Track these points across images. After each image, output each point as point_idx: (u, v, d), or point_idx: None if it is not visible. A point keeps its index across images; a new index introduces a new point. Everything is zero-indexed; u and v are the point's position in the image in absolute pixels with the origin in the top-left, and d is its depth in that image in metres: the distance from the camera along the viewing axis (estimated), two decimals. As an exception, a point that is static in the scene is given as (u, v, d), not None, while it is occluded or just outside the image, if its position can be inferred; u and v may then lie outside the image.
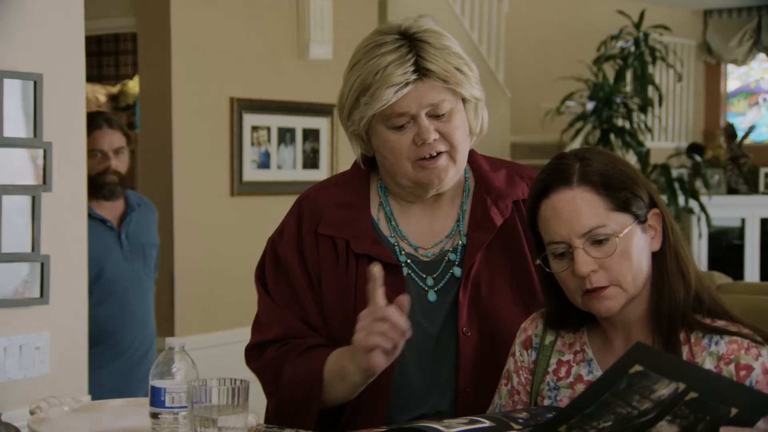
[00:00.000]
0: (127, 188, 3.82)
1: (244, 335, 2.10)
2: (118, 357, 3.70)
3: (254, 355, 2.03)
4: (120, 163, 3.75)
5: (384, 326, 1.78)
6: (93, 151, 3.66)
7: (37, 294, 2.67)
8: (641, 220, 1.71)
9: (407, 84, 1.89)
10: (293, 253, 2.01)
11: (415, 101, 1.90)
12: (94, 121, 3.72)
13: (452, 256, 1.98)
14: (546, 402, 1.78)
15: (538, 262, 1.76)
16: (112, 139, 3.75)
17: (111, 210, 3.76)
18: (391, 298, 1.87)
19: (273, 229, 2.10)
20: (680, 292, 1.71)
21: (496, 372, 1.90)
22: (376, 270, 1.80)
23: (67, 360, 2.76)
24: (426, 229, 2.01)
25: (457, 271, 1.96)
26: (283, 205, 4.47)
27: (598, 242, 1.68)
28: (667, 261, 1.72)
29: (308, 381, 1.89)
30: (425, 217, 2.02)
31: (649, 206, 1.73)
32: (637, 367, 1.45)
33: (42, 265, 2.67)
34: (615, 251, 1.67)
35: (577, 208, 1.69)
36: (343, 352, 1.88)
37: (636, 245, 1.69)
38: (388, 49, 1.91)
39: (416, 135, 1.91)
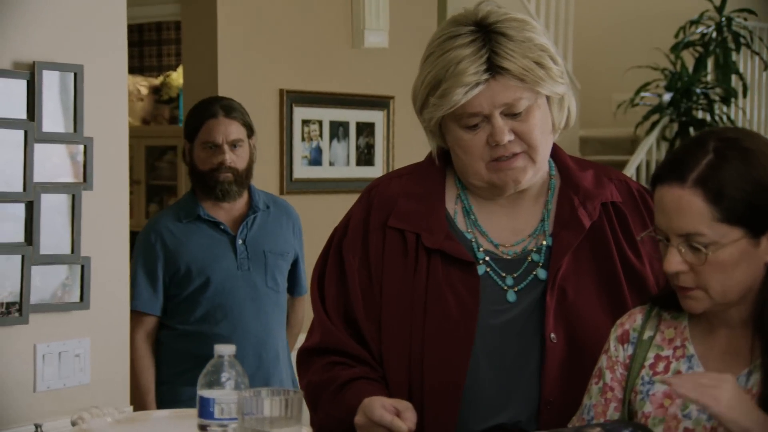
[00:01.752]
0: (244, 187, 3.52)
1: (296, 344, 2.12)
2: None
3: (302, 362, 2.07)
4: (237, 158, 3.47)
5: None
6: (205, 144, 3.46)
7: (77, 298, 2.71)
8: (757, 234, 1.70)
9: (478, 84, 1.89)
10: (356, 247, 2.02)
11: (488, 101, 1.90)
12: (209, 108, 3.50)
13: (536, 257, 1.98)
14: (638, 397, 1.79)
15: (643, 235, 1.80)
16: (229, 130, 3.47)
17: (228, 212, 3.51)
18: (464, 297, 1.89)
19: (324, 230, 2.11)
20: None
21: (582, 384, 1.88)
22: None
23: (108, 368, 2.80)
24: (507, 226, 2.01)
25: (542, 272, 1.96)
26: (336, 204, 4.48)
27: (694, 248, 1.69)
28: None
29: (343, 420, 1.92)
30: (506, 213, 2.02)
31: None
32: None
33: (82, 267, 2.71)
34: (707, 261, 1.67)
35: (681, 210, 1.69)
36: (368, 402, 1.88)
37: (737, 258, 1.69)
38: (462, 43, 1.91)
39: (490, 135, 1.91)
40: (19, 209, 2.61)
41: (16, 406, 2.61)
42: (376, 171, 5.02)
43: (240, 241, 3.47)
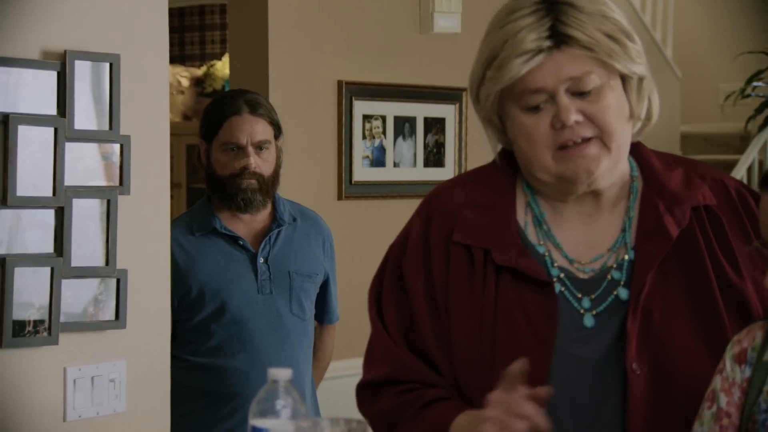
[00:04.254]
0: (269, 197, 3.43)
1: (353, 368, 2.12)
2: (245, 423, 3.36)
3: (367, 397, 2.05)
4: (263, 163, 3.38)
5: (522, 426, 1.74)
6: (226, 145, 3.39)
7: (111, 316, 2.74)
8: None
9: (539, 52, 1.87)
10: (418, 267, 2.01)
11: (551, 74, 1.88)
12: (231, 103, 3.41)
13: (616, 275, 1.95)
14: (756, 426, 1.77)
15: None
16: (254, 129, 3.38)
17: (249, 225, 3.45)
18: (537, 323, 1.87)
19: (387, 241, 2.11)
20: None
21: (675, 421, 1.86)
22: (519, 367, 1.77)
23: (147, 395, 2.82)
24: (583, 239, 1.99)
25: (623, 292, 1.93)
26: (400, 210, 4.49)
27: None
28: None
29: None
30: (582, 223, 2.00)
31: None
32: None
33: (118, 281, 2.74)
34: None
35: None
36: (469, 419, 1.86)
37: None
38: (523, 14, 1.90)
39: (555, 117, 1.89)
40: (48, 216, 2.64)
41: (45, 437, 2.65)
42: (446, 173, 5.02)
43: (261, 260, 3.41)
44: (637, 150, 2.03)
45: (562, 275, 1.95)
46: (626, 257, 1.96)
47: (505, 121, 1.97)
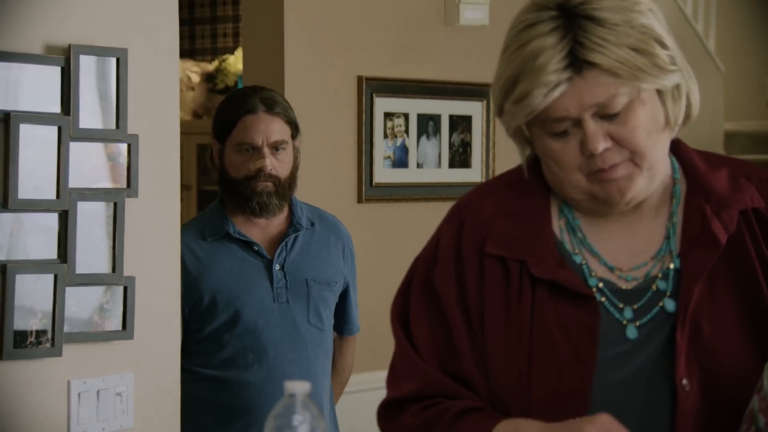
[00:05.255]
0: (286, 200, 3.44)
1: (375, 381, 2.12)
2: None
3: (389, 415, 2.04)
4: (279, 164, 3.39)
5: None
6: (241, 145, 3.40)
7: (118, 326, 2.75)
8: None
9: (558, 85, 1.85)
10: (450, 280, 1.99)
11: (574, 103, 1.86)
12: (246, 101, 3.42)
13: (662, 284, 1.94)
14: None
15: None
16: (270, 129, 3.39)
17: (264, 229, 3.46)
18: (577, 339, 1.87)
19: (411, 246, 2.11)
20: None
21: None
22: None
23: (155, 409, 2.84)
24: (623, 247, 1.98)
25: (670, 304, 1.92)
26: (424, 214, 4.48)
27: None
28: None
29: None
30: (621, 230, 1.99)
31: None
32: None
33: (125, 289, 2.75)
34: None
35: None
36: (514, 427, 1.86)
37: None
38: (542, 31, 1.87)
39: (582, 144, 1.88)
40: (51, 220, 2.65)
41: (47, 454, 2.66)
42: (473, 174, 5.02)
43: (277, 267, 3.42)
44: (677, 148, 2.02)
45: (601, 285, 1.95)
46: (671, 266, 1.96)
47: (532, 138, 1.97)
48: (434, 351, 1.99)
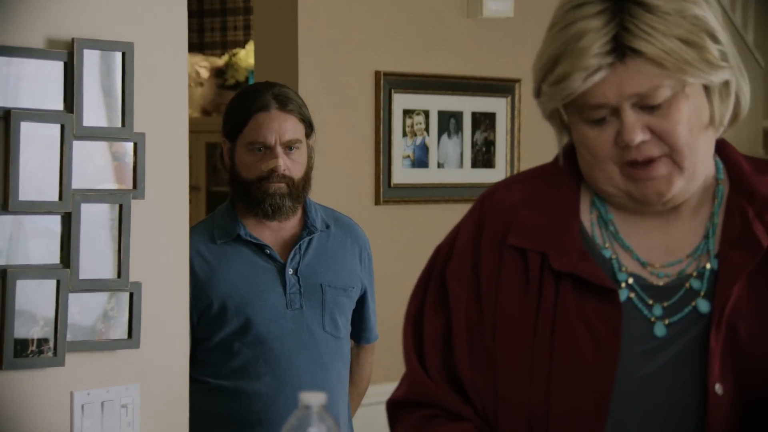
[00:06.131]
0: (300, 202, 3.43)
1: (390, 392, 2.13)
2: None
3: (390, 416, 2.09)
4: (293, 164, 3.38)
5: None
6: (252, 144, 3.39)
7: (123, 334, 2.75)
8: None
9: (599, 69, 1.86)
10: (464, 276, 2.02)
11: (614, 90, 1.87)
12: (258, 98, 3.41)
13: (696, 284, 1.95)
14: None
15: None
16: (283, 127, 3.37)
17: (277, 232, 3.46)
18: (600, 335, 1.88)
19: (432, 250, 2.11)
20: None
21: None
22: None
23: (162, 422, 2.84)
24: (658, 243, 1.99)
25: (703, 304, 1.94)
26: (445, 216, 4.49)
27: None
28: None
29: None
30: (658, 227, 2.00)
31: None
32: None
33: (131, 295, 2.75)
34: None
35: None
36: None
37: None
38: (588, 13, 1.88)
39: (618, 134, 1.89)
40: (54, 222, 2.66)
41: (49, 469, 2.67)
42: (496, 174, 5.02)
43: (290, 271, 3.40)
44: (723, 149, 2.03)
45: (630, 280, 1.96)
46: (708, 266, 1.97)
47: (570, 123, 1.98)
48: (439, 348, 2.02)
